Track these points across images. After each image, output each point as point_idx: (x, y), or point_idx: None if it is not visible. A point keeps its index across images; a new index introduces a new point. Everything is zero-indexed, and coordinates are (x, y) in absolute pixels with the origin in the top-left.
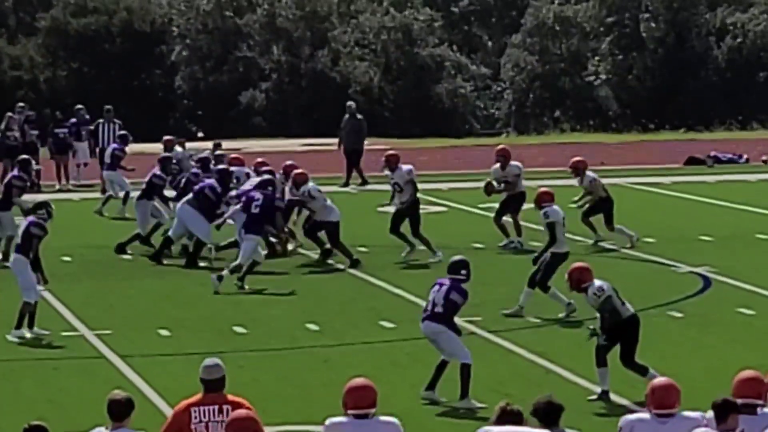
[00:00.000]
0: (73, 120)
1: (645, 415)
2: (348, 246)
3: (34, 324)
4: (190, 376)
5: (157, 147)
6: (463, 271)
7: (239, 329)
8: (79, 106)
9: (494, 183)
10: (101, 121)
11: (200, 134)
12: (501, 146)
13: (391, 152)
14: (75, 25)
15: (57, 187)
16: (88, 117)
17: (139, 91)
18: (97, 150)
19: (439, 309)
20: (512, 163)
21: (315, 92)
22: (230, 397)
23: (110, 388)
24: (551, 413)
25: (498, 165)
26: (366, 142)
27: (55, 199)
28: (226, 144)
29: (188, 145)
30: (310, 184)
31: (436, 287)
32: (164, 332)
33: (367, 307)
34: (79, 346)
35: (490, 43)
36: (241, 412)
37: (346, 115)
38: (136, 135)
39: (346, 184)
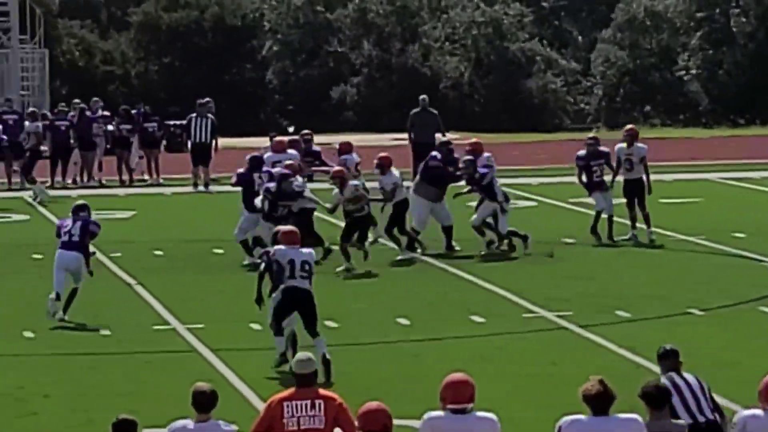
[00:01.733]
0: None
1: (759, 411)
2: (438, 239)
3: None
4: (281, 370)
5: (248, 141)
6: None
7: (330, 323)
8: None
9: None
10: (194, 115)
11: (291, 129)
12: (629, 126)
13: (383, 155)
14: (167, 20)
15: (148, 181)
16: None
17: (230, 85)
18: (190, 144)
19: None
20: (638, 144)
21: (405, 87)
22: (322, 391)
23: (201, 381)
24: (660, 397)
25: (624, 144)
26: (456, 136)
27: (147, 194)
28: (316, 138)
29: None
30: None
31: None
32: (256, 326)
33: (458, 302)
34: (170, 340)
35: (580, 38)
36: (372, 404)
37: (417, 108)
38: (227, 129)
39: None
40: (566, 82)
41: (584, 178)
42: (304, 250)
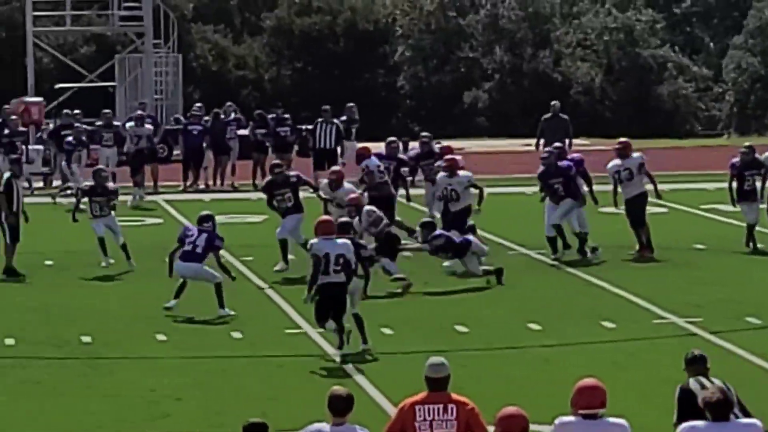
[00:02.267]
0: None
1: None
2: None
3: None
4: (412, 374)
5: (380, 147)
6: None
7: (461, 328)
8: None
9: None
10: (320, 120)
11: (423, 134)
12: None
13: (450, 157)
14: (299, 25)
15: None
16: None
17: (362, 90)
18: (313, 150)
19: None
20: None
21: (537, 92)
22: (454, 396)
23: (330, 385)
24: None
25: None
26: (586, 142)
27: None
28: (447, 143)
29: (411, 144)
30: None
31: None
32: (387, 330)
33: (588, 307)
34: (302, 344)
35: (711, 45)
36: (510, 408)
37: (548, 114)
38: (360, 134)
39: None
40: (697, 88)
41: (735, 186)
42: (340, 241)
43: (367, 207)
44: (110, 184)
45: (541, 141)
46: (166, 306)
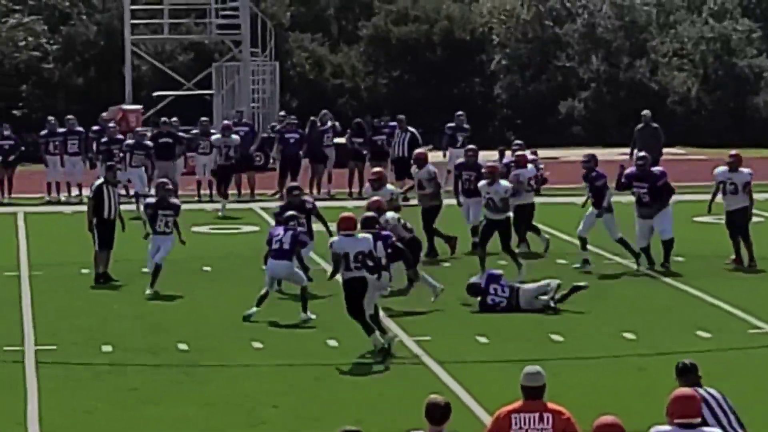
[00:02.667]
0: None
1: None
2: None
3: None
4: (507, 382)
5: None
6: None
7: (556, 337)
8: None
9: None
10: (396, 129)
11: (518, 142)
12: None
13: (491, 164)
14: (396, 33)
15: None
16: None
17: (458, 99)
18: (391, 160)
19: None
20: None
21: (633, 102)
22: (550, 404)
23: (428, 393)
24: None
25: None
26: (682, 151)
27: None
28: (543, 152)
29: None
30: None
31: None
32: (482, 339)
33: (684, 316)
34: (398, 352)
35: None
36: (607, 418)
37: (641, 124)
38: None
39: None
40: None
41: None
42: (361, 236)
43: (389, 213)
44: (174, 200)
45: (635, 151)
46: (247, 314)
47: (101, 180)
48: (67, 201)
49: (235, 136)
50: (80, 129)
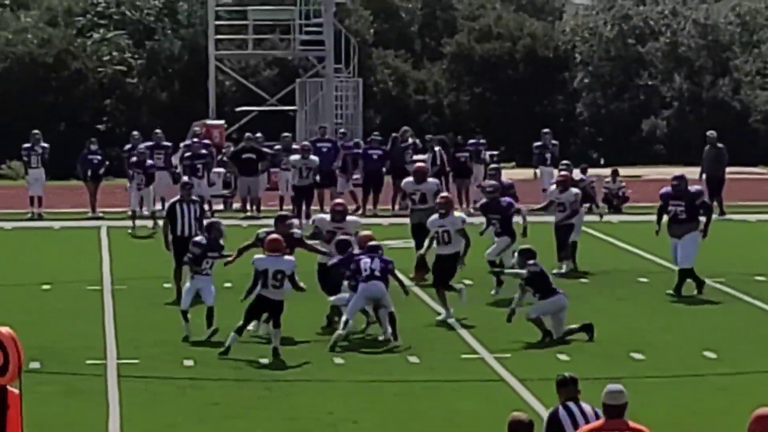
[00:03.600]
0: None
1: None
2: (744, 273)
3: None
4: (588, 401)
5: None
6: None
7: (636, 355)
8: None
9: None
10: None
11: (602, 161)
12: None
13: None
14: (479, 51)
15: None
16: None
17: (540, 116)
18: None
19: None
20: None
21: (715, 120)
22: (632, 423)
23: (508, 410)
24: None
25: None
26: (765, 171)
27: None
28: (624, 171)
29: (590, 171)
30: None
31: None
32: (562, 356)
33: (765, 336)
34: (479, 369)
35: None
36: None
37: (707, 146)
38: (529, 160)
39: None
40: None
41: None
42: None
43: (458, 213)
44: (222, 242)
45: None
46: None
47: (176, 197)
48: (152, 215)
49: (314, 157)
50: (167, 143)
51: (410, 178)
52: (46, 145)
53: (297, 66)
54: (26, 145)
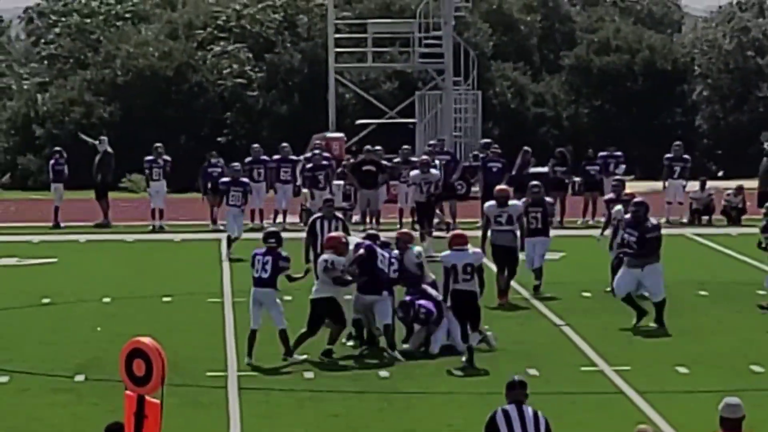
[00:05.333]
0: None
1: None
2: None
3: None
4: (706, 413)
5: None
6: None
7: (756, 368)
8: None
9: None
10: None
11: (720, 173)
12: None
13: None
14: (597, 63)
15: (579, 222)
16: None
17: (659, 129)
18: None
19: None
20: None
21: None
22: None
23: (627, 423)
24: None
25: None
26: None
27: (576, 235)
28: (745, 183)
29: (710, 183)
30: None
31: None
32: (682, 369)
33: None
34: (597, 381)
35: None
36: None
37: (765, 158)
38: (647, 172)
39: None
40: None
41: None
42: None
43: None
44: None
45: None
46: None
47: (318, 214)
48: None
49: (434, 171)
50: (293, 157)
51: (493, 201)
52: (168, 157)
53: (416, 79)
54: (148, 157)
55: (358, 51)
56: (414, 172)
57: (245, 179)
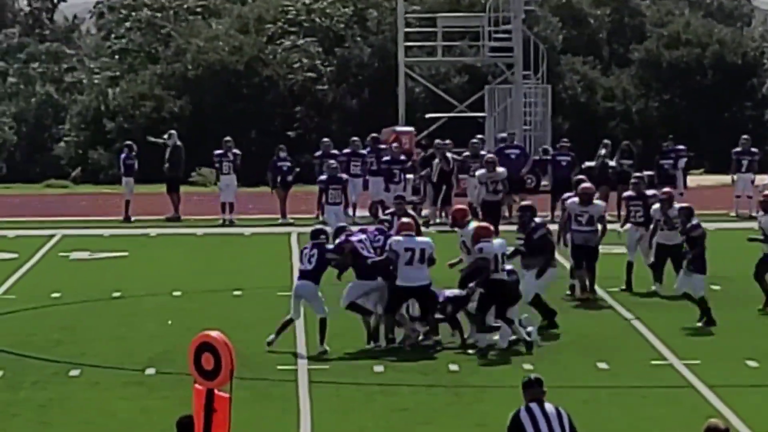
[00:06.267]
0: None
1: None
2: None
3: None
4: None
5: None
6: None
7: None
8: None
9: None
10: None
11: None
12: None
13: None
14: (667, 57)
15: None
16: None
17: (728, 123)
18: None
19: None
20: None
21: None
22: None
23: (697, 418)
24: None
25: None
26: None
27: None
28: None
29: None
30: None
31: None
32: (752, 363)
33: None
34: (668, 376)
35: None
36: None
37: None
38: (717, 166)
39: None
40: None
41: None
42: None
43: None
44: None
45: None
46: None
47: (391, 210)
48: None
49: (500, 169)
50: (363, 151)
51: (576, 199)
52: (238, 151)
53: (486, 72)
54: (218, 151)
55: (427, 45)
56: (480, 171)
57: (343, 175)
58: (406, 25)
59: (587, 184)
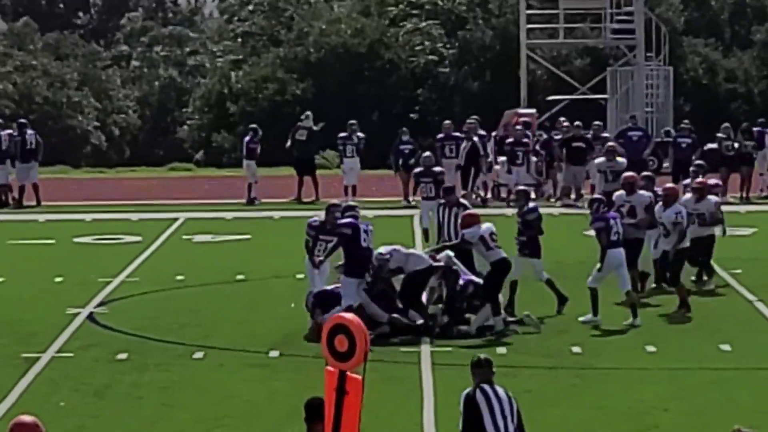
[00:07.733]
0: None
1: None
2: None
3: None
4: None
5: None
6: None
7: None
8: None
9: None
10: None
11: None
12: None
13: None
14: None
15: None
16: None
17: None
18: None
19: None
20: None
21: None
22: None
23: None
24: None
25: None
26: None
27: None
28: None
29: None
30: None
31: None
32: None
33: None
34: None
35: None
36: None
37: None
38: None
39: None
40: None
41: None
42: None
43: None
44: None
45: None
46: (582, 320)
47: (442, 201)
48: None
49: (621, 160)
50: (458, 134)
51: (622, 190)
52: (361, 134)
53: (608, 54)
54: (342, 134)
55: (549, 27)
56: (599, 160)
57: (438, 168)
58: (528, 8)
59: (630, 173)
